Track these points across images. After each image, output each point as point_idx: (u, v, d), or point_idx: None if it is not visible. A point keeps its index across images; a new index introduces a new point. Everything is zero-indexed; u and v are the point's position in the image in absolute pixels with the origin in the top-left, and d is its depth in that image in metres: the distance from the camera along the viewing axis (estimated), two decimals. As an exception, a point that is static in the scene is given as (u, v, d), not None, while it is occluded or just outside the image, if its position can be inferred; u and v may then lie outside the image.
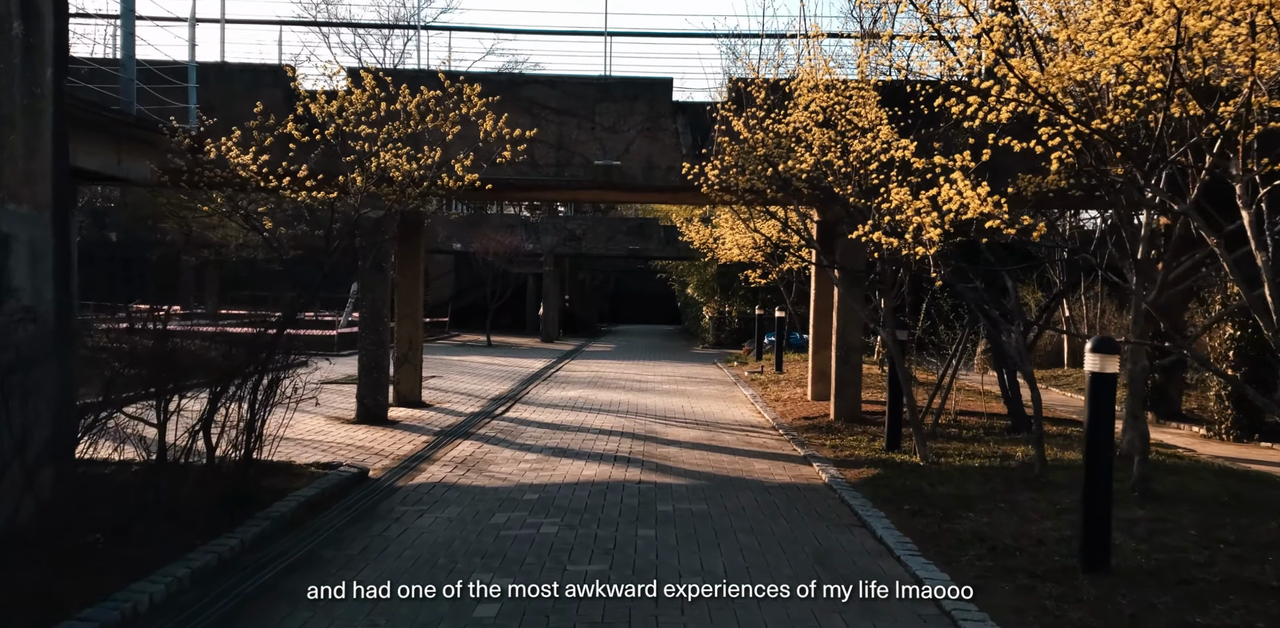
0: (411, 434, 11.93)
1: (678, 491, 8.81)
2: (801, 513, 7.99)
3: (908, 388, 10.15)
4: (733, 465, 10.14)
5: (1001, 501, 8.01)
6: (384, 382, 13.24)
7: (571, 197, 16.38)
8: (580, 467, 9.94)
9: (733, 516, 7.82)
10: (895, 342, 10.04)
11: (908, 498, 8.23)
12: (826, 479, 9.29)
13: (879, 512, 7.79)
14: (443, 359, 24.43)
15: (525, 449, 11.03)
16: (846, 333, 13.48)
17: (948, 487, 8.63)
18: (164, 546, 6.39)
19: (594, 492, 8.66)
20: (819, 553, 6.75)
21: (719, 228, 22.13)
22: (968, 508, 7.79)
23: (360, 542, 6.87)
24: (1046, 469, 8.73)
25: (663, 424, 13.35)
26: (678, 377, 21.40)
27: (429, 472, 9.56)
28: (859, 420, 13.12)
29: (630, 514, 7.80)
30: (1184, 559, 6.19)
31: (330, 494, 8.35)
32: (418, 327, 15.30)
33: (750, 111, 10.54)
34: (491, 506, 8.05)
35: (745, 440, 12.00)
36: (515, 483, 9.04)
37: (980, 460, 10.00)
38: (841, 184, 9.10)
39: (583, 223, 39.27)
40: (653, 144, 13.46)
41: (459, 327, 39.37)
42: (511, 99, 12.67)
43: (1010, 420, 12.28)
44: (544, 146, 13.37)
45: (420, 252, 15.37)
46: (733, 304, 34.43)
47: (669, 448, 11.28)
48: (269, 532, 7.02)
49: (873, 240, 8.42)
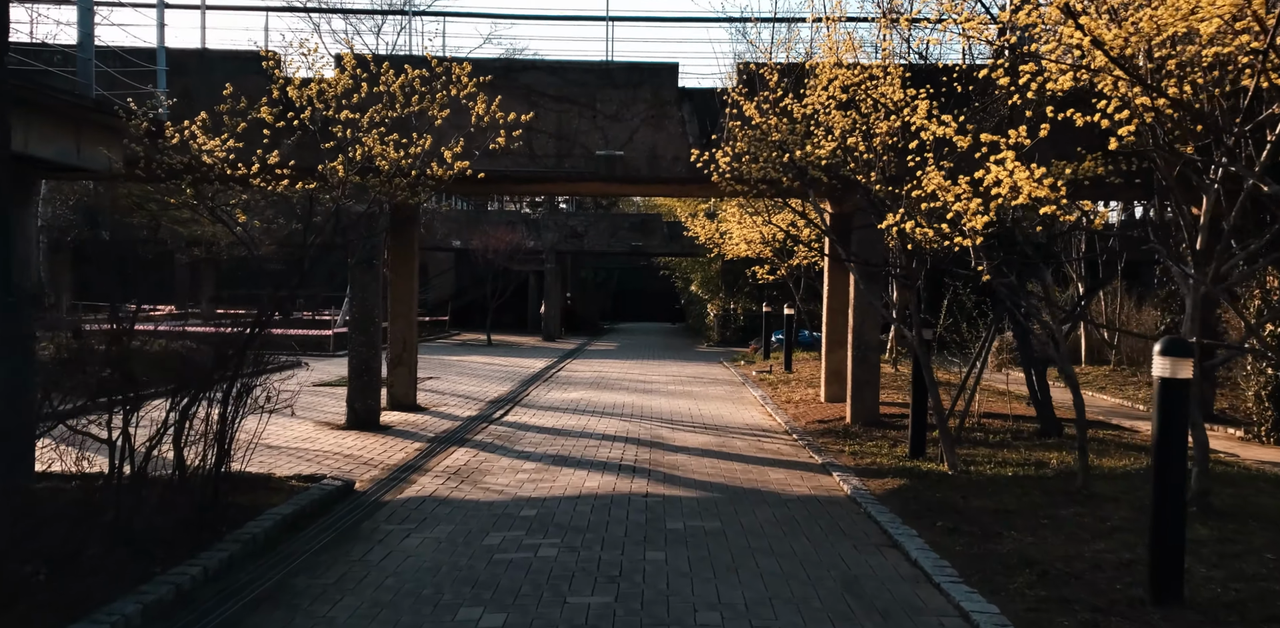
0: (404, 441, 11.24)
1: (688, 505, 8.11)
2: (825, 531, 7.28)
3: (934, 390, 9.45)
4: (746, 475, 9.44)
5: (1044, 516, 7.31)
6: (375, 385, 12.55)
7: (571, 189, 15.67)
8: (582, 477, 9.24)
9: (750, 535, 7.12)
10: (921, 341, 9.34)
11: (940, 513, 7.53)
12: (849, 491, 8.59)
13: (910, 529, 7.09)
14: (441, 360, 23.75)
15: (524, 457, 10.34)
16: (863, 331, 12.77)
17: (982, 499, 7.92)
18: (116, 576, 5.71)
19: (597, 506, 7.97)
20: (848, 580, 6.04)
21: (726, 222, 21.44)
22: (1008, 525, 7.09)
23: (338, 568, 6.18)
24: (1090, 480, 8.01)
25: (669, 429, 12.65)
26: (683, 377, 20.70)
27: (419, 484, 8.87)
28: (877, 424, 12.42)
29: (637, 533, 7.10)
30: (1269, 590, 5.48)
31: (310, 511, 7.67)
32: (412, 326, 14.61)
33: (764, 95, 9.83)
34: (485, 523, 7.36)
35: (758, 446, 11.30)
36: (512, 496, 8.35)
37: (1012, 469, 9.29)
38: (864, 171, 8.39)
39: (584, 219, 38.57)
40: (657, 133, 12.75)
41: (459, 326, 38.69)
42: (508, 86, 11.97)
43: (1040, 424, 11.57)
44: (543, 136, 12.67)
45: (414, 247, 14.67)
46: (738, 301, 33.72)
47: (677, 455, 10.58)
48: (238, 556, 6.34)
49: (902, 231, 7.73)
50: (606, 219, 39.48)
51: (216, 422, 7.17)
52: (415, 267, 14.68)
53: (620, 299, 56.19)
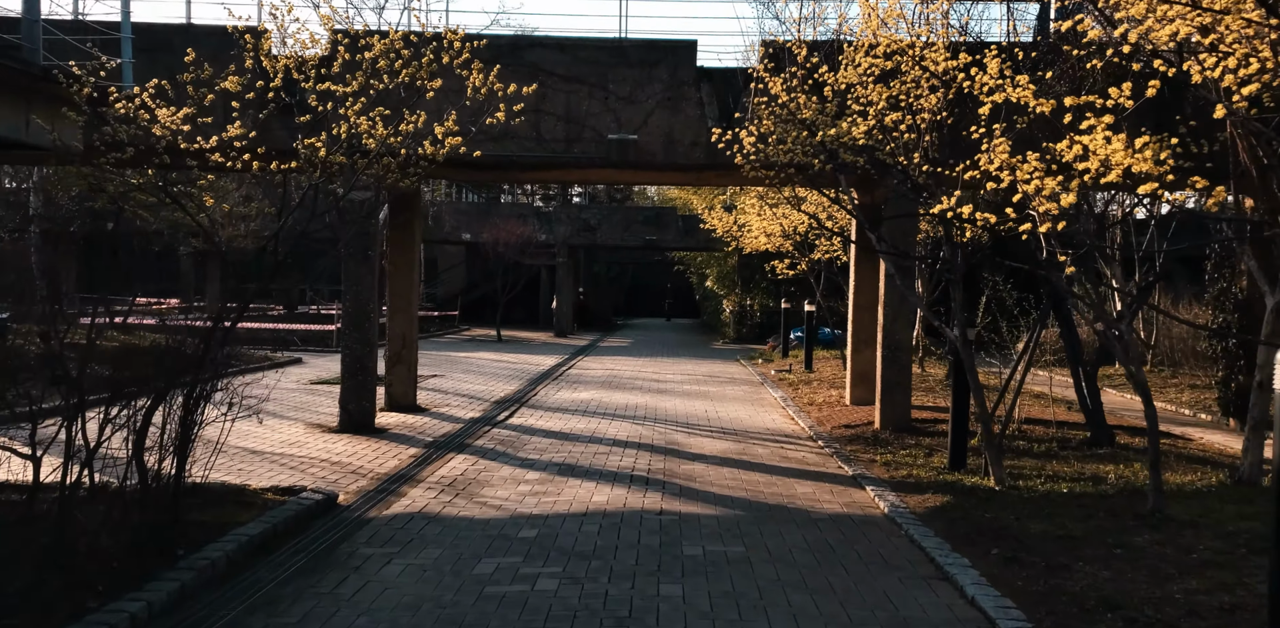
0: (399, 446, 10.41)
1: (707, 525, 7.23)
2: (864, 558, 6.39)
3: (980, 396, 8.53)
4: (770, 489, 8.56)
5: (1115, 544, 6.39)
6: (370, 385, 11.72)
7: (581, 177, 14.79)
8: (589, 490, 8.38)
9: (779, 563, 6.23)
10: (965, 341, 8.42)
11: (993, 537, 6.64)
12: (886, 509, 7.69)
13: (961, 558, 6.19)
14: (448, 356, 22.96)
15: (527, 466, 9.48)
16: (894, 329, 11.85)
17: (1040, 522, 7.01)
18: (44, 612, 4.90)
19: (605, 526, 7.10)
20: (897, 624, 5.16)
21: (745, 214, 20.51)
22: (1075, 554, 6.18)
23: (303, 604, 5.33)
24: (1162, 501, 7.08)
25: (685, 433, 11.78)
26: (699, 376, 19.81)
27: (410, 497, 8.03)
28: (909, 430, 11.49)
29: (649, 560, 6.23)
30: None
31: (284, 530, 6.83)
32: (412, 322, 13.78)
33: (792, 70, 8.93)
34: (478, 547, 6.50)
35: (781, 454, 10.41)
36: (511, 513, 7.49)
37: (1067, 484, 8.37)
38: (906, 152, 7.48)
39: (597, 212, 37.72)
40: (674, 116, 11.86)
41: (470, 321, 37.91)
42: (514, 65, 11.09)
43: (1089, 432, 10.63)
44: (550, 119, 11.80)
45: (415, 238, 13.84)
46: (754, 297, 32.78)
47: (694, 464, 9.71)
48: (190, 587, 5.51)
49: (945, 220, 6.83)
50: (620, 212, 38.62)
51: (177, 428, 6.35)
52: (416, 258, 13.84)
53: (634, 294, 55.37)
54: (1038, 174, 5.17)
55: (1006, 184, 5.53)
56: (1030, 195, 5.34)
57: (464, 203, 40.76)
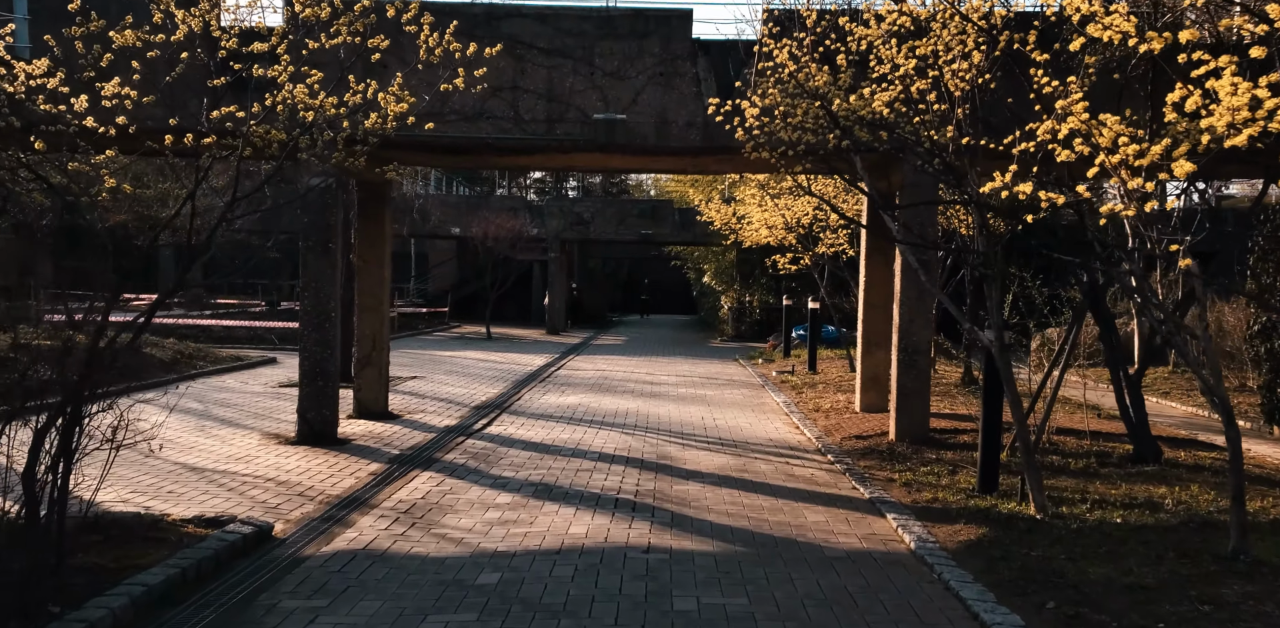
0: (358, 461, 9.29)
1: (702, 565, 6.10)
2: (890, 613, 5.27)
3: (1018, 409, 7.40)
4: (776, 517, 7.43)
5: (1200, 597, 5.26)
6: (331, 392, 10.58)
7: (565, 162, 13.63)
8: (567, 519, 7.25)
9: (788, 620, 5.11)
10: (1001, 345, 7.29)
11: (1046, 585, 5.52)
12: (912, 544, 6.57)
13: (1011, 615, 5.07)
14: (432, 355, 21.82)
15: (499, 486, 8.35)
16: (911, 330, 10.71)
17: (1099, 564, 5.89)
18: None
19: (581, 569, 5.97)
20: (945, 715, 4.04)
21: (745, 205, 19.37)
22: (1151, 612, 5.06)
23: (188, 687, 4.20)
24: (1246, 541, 5.94)
25: (679, 446, 10.65)
26: (695, 377, 18.68)
27: (358, 528, 6.90)
28: (928, 442, 10.36)
29: (633, 618, 5.10)
30: None
31: (195, 575, 5.70)
32: (383, 322, 12.64)
33: (799, 35, 7.79)
34: (425, 599, 5.37)
35: (787, 472, 9.28)
36: (472, 550, 6.36)
37: (1119, 513, 7.24)
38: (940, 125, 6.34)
39: (591, 205, 36.54)
40: (667, 93, 10.71)
41: (461, 317, 36.77)
42: (490, 37, 9.92)
43: (1131, 445, 9.50)
44: (530, 97, 10.65)
45: (386, 230, 12.69)
46: (754, 293, 31.65)
47: (688, 484, 8.58)
48: (54, 662, 4.38)
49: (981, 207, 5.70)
50: (614, 205, 37.44)
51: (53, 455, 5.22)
52: (387, 252, 12.69)
53: (630, 290, 54.25)
54: (1124, 140, 4.05)
55: (1081, 154, 4.38)
56: (1113, 168, 4.21)
57: (453, 196, 39.60)
